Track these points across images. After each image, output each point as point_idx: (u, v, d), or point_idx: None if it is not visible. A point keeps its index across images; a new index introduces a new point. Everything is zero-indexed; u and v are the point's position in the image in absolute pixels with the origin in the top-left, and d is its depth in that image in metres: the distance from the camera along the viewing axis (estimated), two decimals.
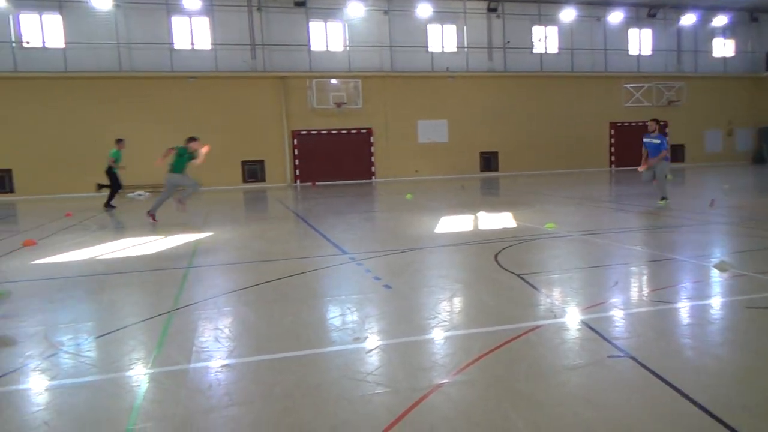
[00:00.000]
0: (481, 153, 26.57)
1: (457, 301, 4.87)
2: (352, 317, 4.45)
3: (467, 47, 25.90)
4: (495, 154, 26.74)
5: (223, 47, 22.90)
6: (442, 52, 25.77)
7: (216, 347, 3.82)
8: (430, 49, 25.52)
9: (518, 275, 5.59)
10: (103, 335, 4.22)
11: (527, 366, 3.30)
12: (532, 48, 26.89)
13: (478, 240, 7.96)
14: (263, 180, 23.83)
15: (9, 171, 21.23)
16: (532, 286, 5.17)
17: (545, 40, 27.11)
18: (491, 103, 26.17)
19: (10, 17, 20.80)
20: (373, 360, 3.53)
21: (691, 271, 5.73)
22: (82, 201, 18.83)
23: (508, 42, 26.36)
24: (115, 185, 15.37)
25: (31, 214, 15.08)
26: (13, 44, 20.89)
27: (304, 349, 3.75)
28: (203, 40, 22.95)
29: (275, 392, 3.05)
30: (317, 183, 23.94)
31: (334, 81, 23.88)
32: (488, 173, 26.62)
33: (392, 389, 3.06)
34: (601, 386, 3.03)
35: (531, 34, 26.88)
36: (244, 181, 23.58)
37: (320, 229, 9.56)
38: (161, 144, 22.03)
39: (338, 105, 23.80)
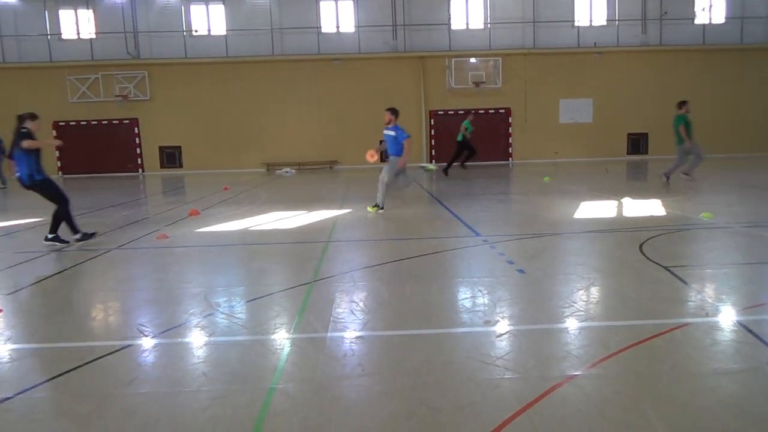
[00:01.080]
0: (629, 134, 24.71)
1: (595, 291, 4.65)
2: (483, 300, 4.43)
3: (618, 20, 24.08)
4: (644, 135, 24.72)
5: (366, 29, 23.49)
6: (590, 26, 24.20)
7: (351, 319, 4.02)
8: (576, 24, 24.11)
9: (666, 267, 5.18)
10: (252, 300, 4.63)
11: (671, 365, 3.08)
12: (693, 18, 24.31)
13: (621, 227, 7.48)
14: None
15: (179, 148, 23.75)
16: (681, 280, 4.77)
17: (710, 8, 24.33)
18: (643, 81, 24.14)
19: (182, 8, 23.06)
20: (503, 345, 3.50)
21: None
22: (239, 176, 20.57)
23: (665, 12, 24.04)
24: (470, 150, 17.33)
25: (195, 187, 16.79)
26: (184, 33, 23.16)
27: (434, 328, 3.82)
28: (348, 23, 23.72)
29: (404, 367, 3.16)
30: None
31: (473, 60, 23.52)
32: (636, 156, 24.72)
33: (521, 376, 3.02)
34: (758, 396, 2.75)
35: (692, 2, 24.28)
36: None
37: (454, 210, 9.57)
38: (308, 123, 23.45)
39: (476, 84, 23.42)
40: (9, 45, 22.76)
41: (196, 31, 23.27)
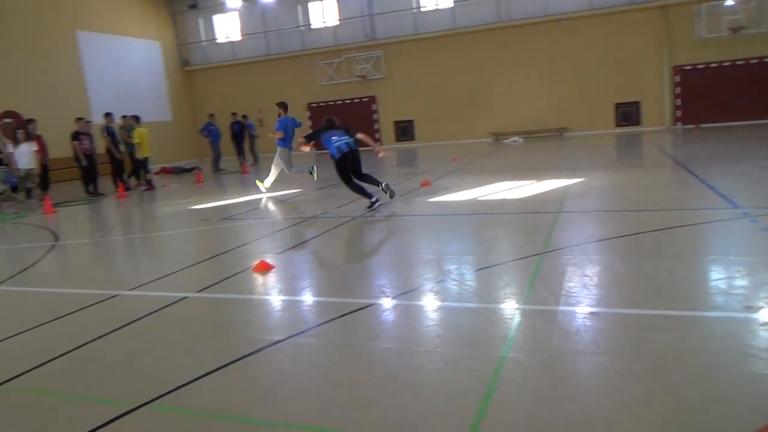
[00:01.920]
0: None
1: None
2: (743, 282, 3.88)
3: None
4: None
5: None
6: None
7: (584, 293, 3.88)
8: None
9: None
10: (482, 269, 4.75)
11: None
12: None
13: None
14: (638, 123, 22.07)
15: (411, 121, 25.05)
16: None
17: None
18: None
19: None
20: None
21: None
22: (467, 147, 20.96)
23: None
24: None
25: (427, 159, 17.59)
26: (414, 10, 24.09)
27: (680, 309, 3.48)
28: None
29: (643, 348, 2.95)
30: (701, 125, 20.89)
31: (729, 2, 20.03)
32: None
33: None
34: None
35: None
36: (617, 125, 22.28)
37: (704, 177, 8.43)
38: (536, 90, 22.68)
39: (734, 31, 19.89)
40: (272, 39, 26.27)
41: (424, 6, 24.01)
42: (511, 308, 3.73)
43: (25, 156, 12.14)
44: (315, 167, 10.54)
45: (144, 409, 2.72)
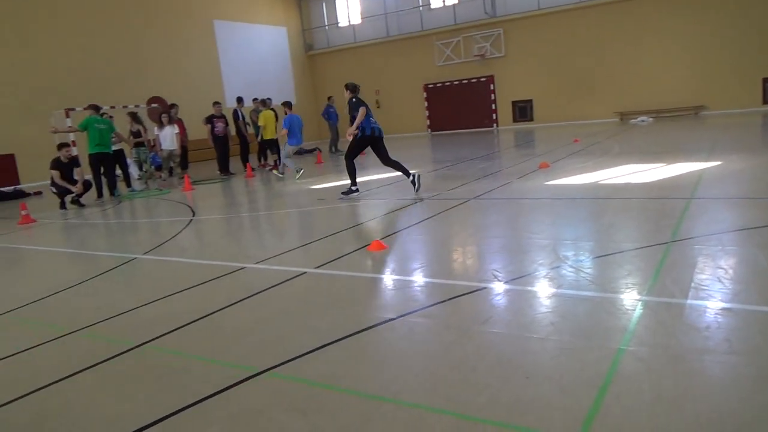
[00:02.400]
0: None
1: None
2: None
3: None
4: None
5: None
6: None
7: (717, 287, 3.56)
8: None
9: None
10: (601, 256, 4.52)
11: None
12: None
13: None
14: None
15: (530, 101, 24.17)
16: None
17: None
18: None
19: None
20: None
21: None
22: (590, 127, 19.89)
23: None
24: None
25: (545, 140, 16.94)
26: None
27: None
28: None
29: None
30: None
31: None
32: None
33: None
34: None
35: None
36: (765, 102, 19.89)
37: None
38: (668, 65, 20.86)
39: None
40: (391, 21, 26.47)
41: None
42: (632, 299, 3.52)
43: (168, 138, 13.36)
44: (303, 170, 12.31)
45: (263, 376, 2.93)
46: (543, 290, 3.88)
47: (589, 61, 22.17)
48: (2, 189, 15.02)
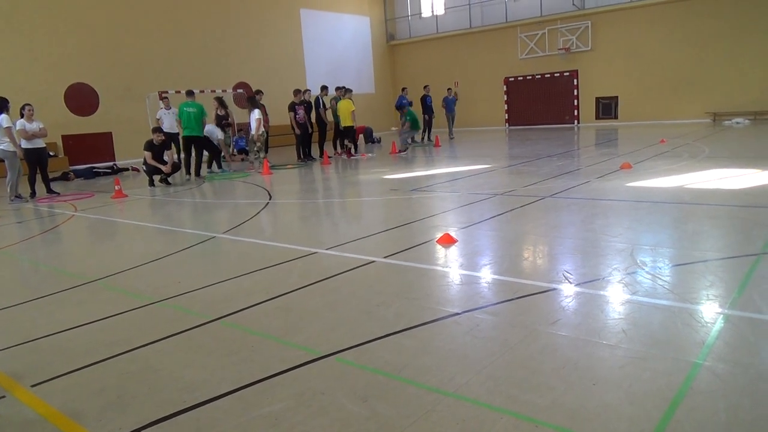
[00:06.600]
0: None
1: None
2: None
3: None
4: None
5: None
6: None
7: None
8: None
9: None
10: (682, 264, 4.30)
11: None
12: None
13: None
14: None
15: (615, 98, 23.13)
16: None
17: None
18: None
19: None
20: None
21: None
22: (678, 128, 18.84)
23: None
24: None
25: (629, 140, 16.20)
26: None
27: None
28: None
29: None
30: None
31: None
32: None
33: None
34: None
35: None
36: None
37: None
38: None
39: None
40: (475, 12, 26.07)
41: None
42: (712, 312, 3.34)
43: (252, 123, 13.83)
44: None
45: (329, 359, 3.02)
46: (616, 296, 3.75)
47: (682, 56, 20.91)
48: (110, 164, 16.22)
